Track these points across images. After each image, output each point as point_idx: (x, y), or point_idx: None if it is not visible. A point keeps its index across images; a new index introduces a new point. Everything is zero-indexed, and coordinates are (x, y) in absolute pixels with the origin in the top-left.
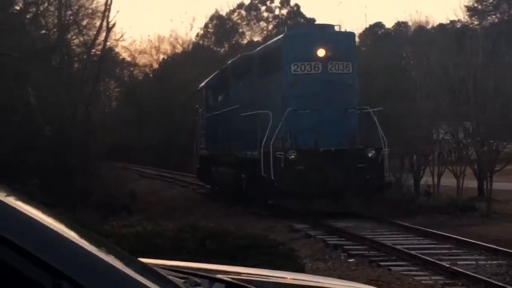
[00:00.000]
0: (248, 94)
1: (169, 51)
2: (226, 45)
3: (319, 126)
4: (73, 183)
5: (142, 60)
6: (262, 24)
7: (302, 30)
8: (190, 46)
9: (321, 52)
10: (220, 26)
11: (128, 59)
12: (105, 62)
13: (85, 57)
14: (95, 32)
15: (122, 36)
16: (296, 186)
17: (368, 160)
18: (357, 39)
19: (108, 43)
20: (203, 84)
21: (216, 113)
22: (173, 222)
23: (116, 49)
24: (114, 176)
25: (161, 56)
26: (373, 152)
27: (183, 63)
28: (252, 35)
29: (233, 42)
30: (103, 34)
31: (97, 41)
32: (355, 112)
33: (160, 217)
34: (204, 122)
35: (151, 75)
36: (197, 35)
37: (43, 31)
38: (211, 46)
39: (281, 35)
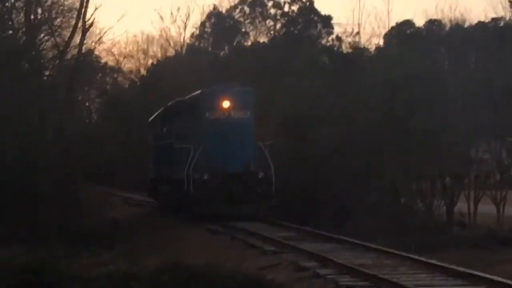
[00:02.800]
0: (179, 131)
1: (159, 55)
2: (226, 48)
3: (224, 156)
4: (42, 212)
5: (127, 65)
6: (269, 22)
7: (213, 88)
8: (184, 49)
9: (226, 104)
10: (219, 25)
11: (111, 64)
12: (81, 68)
13: (58, 62)
14: (69, 33)
15: (101, 37)
16: (208, 197)
17: (259, 180)
18: (381, 40)
19: (85, 46)
20: (151, 118)
21: (160, 143)
22: (157, 257)
23: (96, 53)
24: (94, 202)
25: (150, 61)
26: (262, 173)
27: (176, 69)
28: (257, 35)
29: (235, 43)
30: (80, 35)
31: (72, 44)
32: (252, 145)
33: (144, 251)
34: (153, 150)
35: (138, 83)
36: (192, 36)
37: (9, 32)
38: (209, 49)
39: (199, 91)
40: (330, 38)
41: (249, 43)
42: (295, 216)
